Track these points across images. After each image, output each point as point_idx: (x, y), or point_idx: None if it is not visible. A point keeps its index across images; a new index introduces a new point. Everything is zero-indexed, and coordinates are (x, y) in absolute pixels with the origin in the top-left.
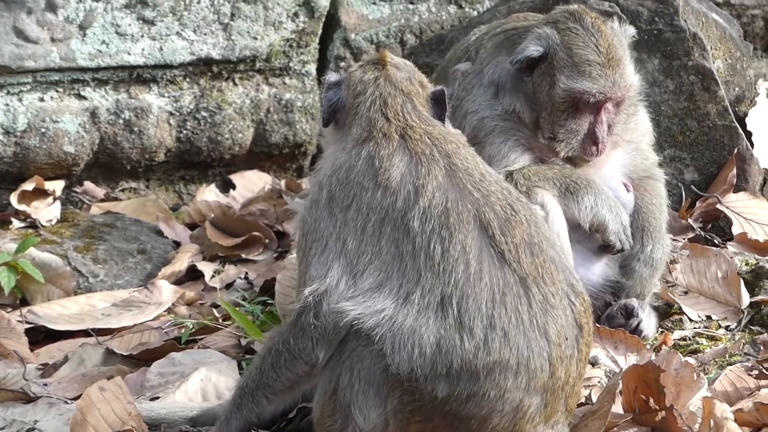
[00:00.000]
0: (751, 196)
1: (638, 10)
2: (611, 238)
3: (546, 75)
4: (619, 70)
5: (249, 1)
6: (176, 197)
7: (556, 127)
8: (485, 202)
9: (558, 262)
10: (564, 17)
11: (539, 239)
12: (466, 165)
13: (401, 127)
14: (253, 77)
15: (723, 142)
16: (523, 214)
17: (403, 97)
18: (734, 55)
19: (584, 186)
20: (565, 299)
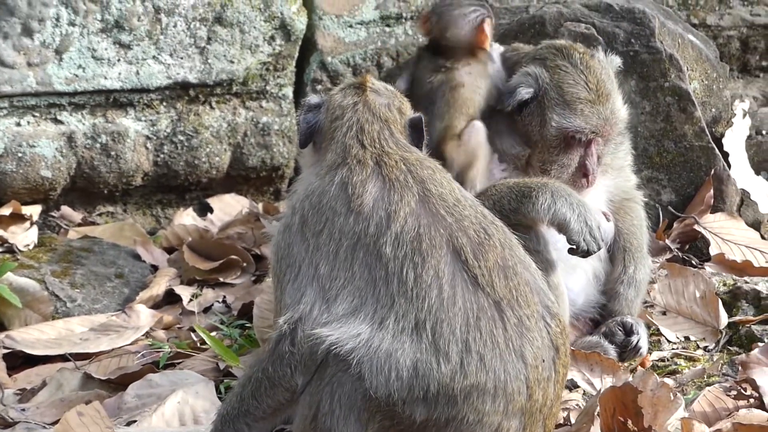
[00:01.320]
0: (729, 216)
1: (615, 31)
2: (574, 238)
3: (536, 114)
4: (609, 106)
5: (225, 24)
6: (154, 221)
7: (548, 163)
8: (458, 226)
9: (533, 284)
10: (552, 54)
11: (513, 262)
12: (440, 190)
13: (377, 154)
14: (230, 101)
15: (700, 162)
16: (498, 237)
17: (381, 123)
18: (711, 76)
19: (539, 187)
20: (541, 321)
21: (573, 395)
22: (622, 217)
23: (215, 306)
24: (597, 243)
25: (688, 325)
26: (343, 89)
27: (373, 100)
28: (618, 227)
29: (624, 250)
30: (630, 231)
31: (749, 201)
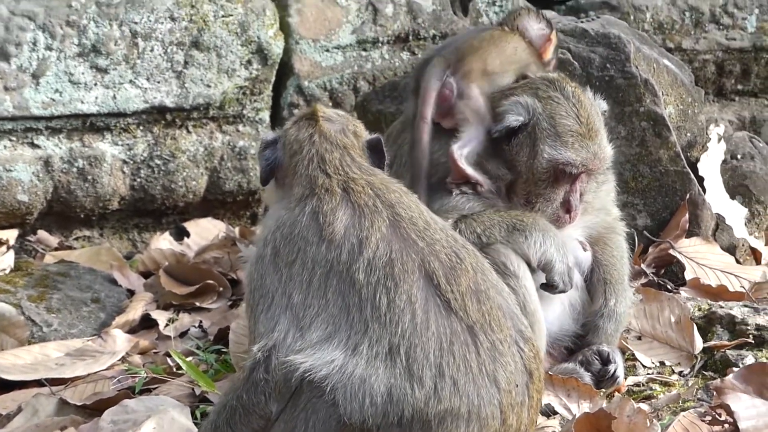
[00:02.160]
0: (704, 241)
1: (590, 56)
2: (556, 279)
3: (526, 144)
4: (598, 141)
5: (202, 48)
6: (130, 245)
7: (533, 195)
8: (430, 251)
9: (506, 308)
10: (544, 85)
11: (486, 286)
12: (410, 214)
13: (343, 181)
14: (206, 125)
15: (675, 187)
16: (469, 261)
17: (340, 150)
18: (686, 101)
19: (531, 223)
20: (514, 346)
21: (550, 422)
22: (602, 248)
23: (191, 331)
24: (571, 284)
25: (664, 350)
26: (296, 122)
27: (327, 129)
28: (598, 258)
29: (605, 282)
30: (610, 262)
31: (724, 225)
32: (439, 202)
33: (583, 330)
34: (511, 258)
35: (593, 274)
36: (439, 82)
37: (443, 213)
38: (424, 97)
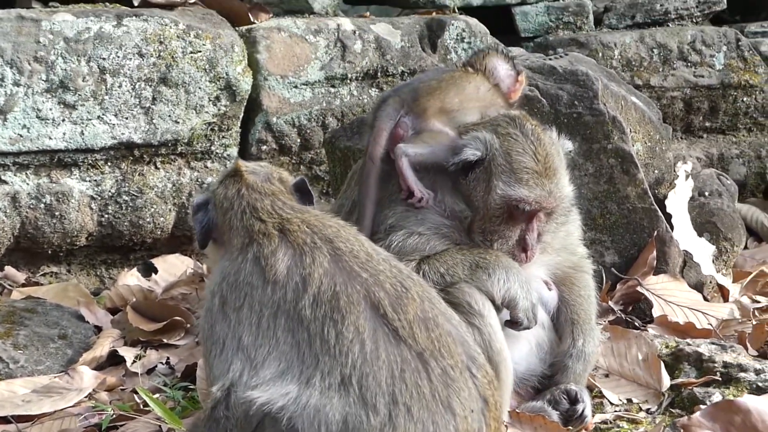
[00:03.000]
0: (671, 278)
1: (558, 93)
2: (520, 315)
3: (482, 179)
4: (555, 180)
5: (170, 85)
6: (98, 281)
7: (488, 232)
8: (374, 281)
9: (456, 335)
10: (505, 122)
11: (434, 314)
12: (350, 247)
13: (278, 223)
14: (174, 161)
15: (643, 224)
16: (415, 290)
17: (270, 197)
18: (653, 138)
19: (494, 261)
20: (466, 371)
21: None
22: (569, 288)
23: (159, 367)
24: (536, 320)
25: (631, 387)
26: (222, 182)
27: (253, 181)
28: (565, 298)
29: (572, 322)
30: (577, 302)
31: (692, 262)
32: (398, 243)
33: (550, 370)
34: (475, 297)
35: (560, 313)
36: (392, 121)
37: (404, 255)
38: (375, 136)
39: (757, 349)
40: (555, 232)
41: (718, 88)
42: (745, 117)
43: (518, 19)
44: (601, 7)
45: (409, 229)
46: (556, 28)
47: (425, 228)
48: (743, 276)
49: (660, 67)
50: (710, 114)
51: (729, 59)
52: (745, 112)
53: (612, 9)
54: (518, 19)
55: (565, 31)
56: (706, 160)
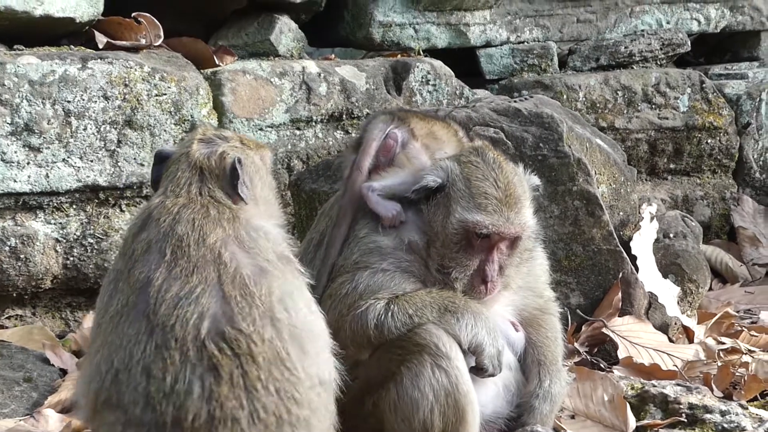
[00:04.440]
0: (636, 319)
1: (523, 136)
2: (485, 362)
3: (442, 205)
4: (516, 209)
5: (136, 127)
6: (63, 324)
7: (447, 259)
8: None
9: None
10: (468, 151)
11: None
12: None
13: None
14: (140, 203)
15: (608, 266)
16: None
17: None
18: (618, 180)
19: (463, 306)
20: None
21: None
22: (535, 329)
23: None
24: (501, 367)
25: (597, 429)
26: (183, 141)
27: (194, 150)
28: (532, 339)
29: (539, 364)
30: (544, 344)
31: (657, 304)
32: (364, 282)
33: (517, 411)
34: (443, 339)
35: (527, 355)
36: (383, 133)
37: (372, 293)
38: (365, 147)
39: (723, 390)
40: (518, 267)
41: (682, 130)
42: (709, 159)
43: (483, 62)
44: (566, 49)
45: (374, 267)
46: (521, 70)
47: (388, 263)
48: (708, 317)
49: (624, 109)
50: (675, 156)
51: (693, 101)
52: (710, 153)
53: (576, 51)
54: (483, 62)
55: (529, 73)
56: (670, 202)
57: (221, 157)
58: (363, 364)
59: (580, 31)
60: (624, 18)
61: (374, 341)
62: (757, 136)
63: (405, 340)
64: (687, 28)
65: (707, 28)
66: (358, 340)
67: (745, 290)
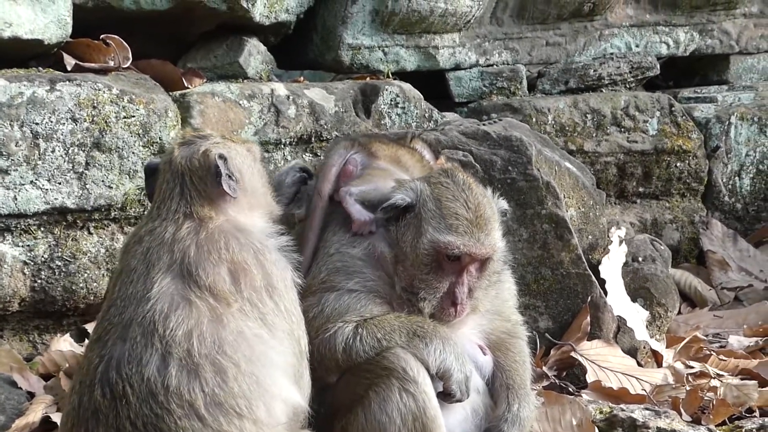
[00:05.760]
0: (605, 343)
1: (492, 159)
2: (453, 387)
3: (411, 225)
4: (486, 230)
5: (104, 150)
6: (31, 347)
7: (416, 280)
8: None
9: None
10: (437, 173)
11: None
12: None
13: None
14: (108, 226)
15: (577, 290)
16: None
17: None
18: (587, 203)
19: (431, 331)
20: None
21: None
22: (503, 353)
23: None
24: (469, 393)
25: None
26: (171, 148)
27: (176, 156)
28: (500, 363)
29: (507, 388)
30: (512, 368)
31: (625, 328)
32: (331, 305)
33: None
34: (410, 363)
35: (495, 379)
36: (342, 159)
37: (340, 316)
38: (325, 172)
39: (691, 414)
40: (486, 290)
41: (651, 154)
42: (678, 182)
43: (452, 84)
44: (535, 72)
45: (340, 288)
46: (490, 93)
47: (354, 283)
48: (677, 341)
49: (593, 132)
50: (644, 179)
51: (662, 125)
52: (679, 177)
53: (545, 74)
54: (452, 84)
55: (498, 96)
56: (639, 226)
57: (204, 155)
58: (331, 388)
59: (550, 54)
60: (593, 41)
61: (342, 365)
62: (726, 159)
63: (373, 364)
64: (656, 51)
65: (676, 51)
66: (326, 363)
67: (714, 314)
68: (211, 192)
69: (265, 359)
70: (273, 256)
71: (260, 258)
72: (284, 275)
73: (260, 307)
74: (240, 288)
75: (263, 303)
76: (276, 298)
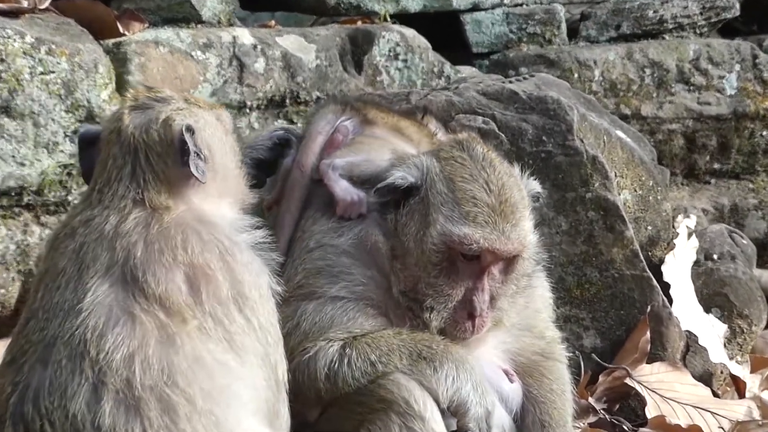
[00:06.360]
0: (670, 367)
1: (521, 126)
2: (471, 425)
3: (416, 213)
4: (514, 219)
5: (14, 115)
6: None
7: (422, 284)
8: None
9: None
10: (449, 145)
11: None
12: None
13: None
14: (20, 215)
15: (632, 297)
16: None
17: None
18: (646, 184)
19: (442, 352)
20: None
21: None
22: (537, 381)
23: None
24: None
25: None
26: (115, 114)
27: (127, 124)
28: (532, 394)
29: (542, 425)
30: (548, 399)
31: (697, 347)
32: (310, 319)
33: None
34: (415, 393)
35: (527, 413)
36: (331, 126)
37: (320, 332)
38: (308, 142)
39: None
40: (513, 298)
41: (729, 119)
42: (765, 156)
43: (469, 30)
44: (577, 14)
45: (322, 295)
46: (519, 41)
47: (340, 288)
48: (764, 364)
49: (654, 91)
50: (719, 153)
51: (743, 81)
52: (765, 150)
53: (591, 17)
54: (469, 30)
55: (530, 45)
56: (714, 213)
57: (165, 125)
58: (311, 426)
59: None
60: None
61: (325, 395)
62: None
63: (366, 395)
64: None
65: None
66: (305, 393)
67: None
68: (173, 174)
69: (229, 393)
70: (245, 257)
71: (228, 260)
72: (259, 282)
73: (226, 325)
74: (200, 299)
75: (230, 319)
76: (247, 313)
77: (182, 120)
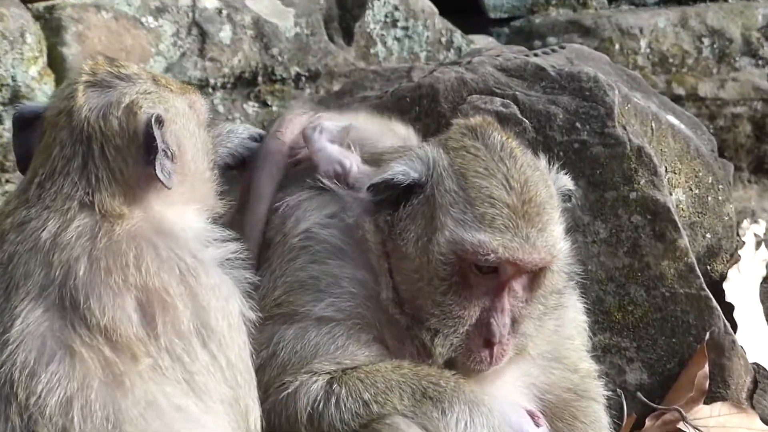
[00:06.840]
0: (734, 408)
1: (549, 110)
2: None
3: (419, 215)
4: (540, 223)
5: None
6: None
7: (428, 304)
8: None
9: None
10: (459, 133)
11: None
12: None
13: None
14: None
15: (687, 321)
16: None
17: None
18: (704, 182)
19: (452, 390)
20: None
21: None
22: (568, 424)
23: None
24: None
25: None
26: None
27: (80, 104)
28: None
29: None
30: None
31: (766, 383)
32: (288, 347)
33: None
34: None
35: None
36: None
37: (303, 362)
38: (285, 118)
39: None
40: (540, 321)
41: None
42: None
43: None
44: None
45: (304, 315)
46: (547, 3)
47: (327, 305)
48: None
49: (714, 66)
50: None
51: None
52: None
53: None
54: None
55: (560, 8)
56: None
57: (129, 112)
58: None
59: None
60: None
61: None
62: None
63: None
64: None
65: None
66: None
67: None
68: (132, 174)
69: None
70: (211, 279)
71: (190, 282)
72: (228, 309)
73: (186, 363)
74: (155, 332)
75: (192, 356)
76: (212, 348)
77: (150, 107)
